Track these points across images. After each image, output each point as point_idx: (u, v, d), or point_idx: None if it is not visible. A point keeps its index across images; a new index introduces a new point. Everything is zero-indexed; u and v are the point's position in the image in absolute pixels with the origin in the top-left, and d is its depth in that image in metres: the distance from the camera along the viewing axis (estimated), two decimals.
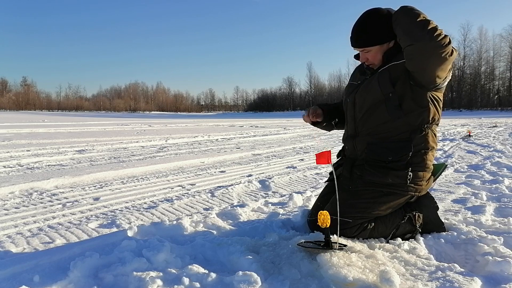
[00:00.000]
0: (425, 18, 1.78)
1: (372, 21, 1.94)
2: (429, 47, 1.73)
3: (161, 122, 24.72)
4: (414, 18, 1.78)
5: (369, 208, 1.93)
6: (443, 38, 1.72)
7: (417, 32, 1.74)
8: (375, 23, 1.93)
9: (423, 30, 1.73)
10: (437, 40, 1.71)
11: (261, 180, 3.84)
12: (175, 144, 8.45)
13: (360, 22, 1.97)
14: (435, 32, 1.72)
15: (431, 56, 1.75)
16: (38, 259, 1.68)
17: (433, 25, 1.75)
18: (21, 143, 8.02)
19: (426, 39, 1.72)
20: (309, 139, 9.86)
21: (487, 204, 2.80)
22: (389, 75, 1.91)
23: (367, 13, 1.98)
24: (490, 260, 1.65)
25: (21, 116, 34.47)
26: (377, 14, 1.95)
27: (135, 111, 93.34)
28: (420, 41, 1.74)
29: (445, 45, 1.72)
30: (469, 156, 5.80)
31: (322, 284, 1.47)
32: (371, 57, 1.98)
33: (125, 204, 2.97)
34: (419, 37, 1.74)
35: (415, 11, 1.82)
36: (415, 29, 1.75)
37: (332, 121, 2.28)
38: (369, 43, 1.94)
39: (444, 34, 1.75)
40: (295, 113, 71.81)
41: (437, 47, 1.72)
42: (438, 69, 1.79)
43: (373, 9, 1.98)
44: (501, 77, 63.26)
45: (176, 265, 1.62)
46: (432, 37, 1.71)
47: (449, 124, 18.49)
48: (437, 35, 1.71)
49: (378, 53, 1.96)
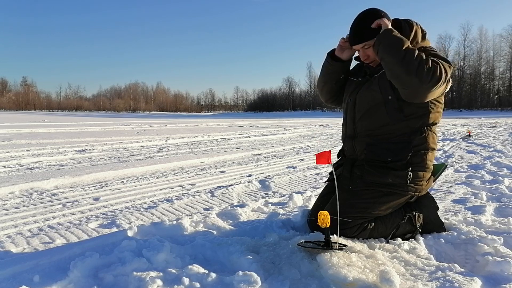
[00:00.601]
0: (406, 50, 1.74)
1: (370, 18, 1.93)
2: (421, 90, 1.74)
3: (161, 122, 24.72)
4: (397, 57, 1.74)
5: (369, 208, 1.93)
6: (433, 72, 1.70)
7: (404, 77, 1.73)
8: (374, 18, 1.92)
9: (409, 73, 1.71)
10: (428, 82, 1.70)
11: (261, 180, 3.84)
12: (175, 144, 8.45)
13: (359, 19, 1.97)
14: (423, 71, 1.69)
15: (425, 94, 1.76)
16: (38, 259, 1.68)
17: (417, 59, 1.71)
18: (21, 143, 8.02)
19: (416, 84, 1.72)
20: (309, 139, 9.86)
21: (487, 204, 2.80)
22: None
23: (364, 12, 1.98)
24: (490, 260, 1.65)
25: (21, 116, 34.48)
26: (375, 11, 1.95)
27: (135, 111, 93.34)
28: (410, 87, 1.75)
29: (436, 80, 1.71)
30: (469, 156, 5.80)
31: (322, 284, 1.47)
32: (371, 53, 1.97)
33: (125, 204, 2.97)
34: (408, 83, 1.74)
35: (394, 45, 1.77)
36: (401, 73, 1.74)
37: (342, 74, 2.18)
38: (370, 37, 1.92)
39: (430, 64, 1.71)
40: (295, 113, 71.84)
41: (429, 87, 1.72)
42: (435, 95, 1.83)
43: (370, 8, 1.98)
44: (501, 77, 63.31)
45: (176, 265, 1.62)
46: (422, 80, 1.70)
47: (449, 124, 18.50)
48: (426, 74, 1.69)
49: None
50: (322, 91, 2.31)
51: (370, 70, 2.06)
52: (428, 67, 1.71)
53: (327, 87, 2.26)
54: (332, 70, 2.17)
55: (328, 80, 2.23)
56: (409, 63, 1.71)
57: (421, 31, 2.01)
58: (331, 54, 2.16)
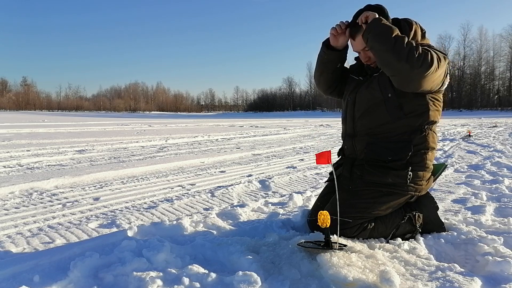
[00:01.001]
0: (396, 38, 1.73)
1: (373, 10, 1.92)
2: (412, 75, 1.73)
3: (161, 122, 24.72)
4: (386, 45, 1.73)
5: (369, 208, 1.93)
6: (423, 58, 1.69)
7: (395, 63, 1.72)
8: (379, 14, 1.90)
9: (400, 60, 1.70)
10: (419, 66, 1.69)
11: (261, 180, 3.84)
12: (175, 144, 8.45)
13: (361, 12, 1.96)
14: (413, 56, 1.68)
15: (417, 80, 1.75)
16: (38, 259, 1.68)
17: (408, 46, 1.70)
18: (21, 143, 8.02)
19: (407, 70, 1.71)
20: (309, 139, 9.86)
21: (487, 204, 2.80)
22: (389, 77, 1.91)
23: (367, 6, 1.98)
24: (490, 260, 1.65)
25: (21, 116, 34.48)
26: (378, 7, 1.96)
27: (135, 111, 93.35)
28: (401, 73, 1.74)
29: (427, 65, 1.70)
30: (469, 156, 5.80)
31: (322, 284, 1.47)
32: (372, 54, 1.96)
33: (125, 204, 2.97)
34: (399, 69, 1.73)
35: (383, 33, 1.76)
36: (392, 60, 1.73)
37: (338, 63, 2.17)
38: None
39: (421, 51, 1.70)
40: (295, 113, 71.80)
41: (421, 72, 1.71)
42: (429, 85, 1.81)
43: (376, 4, 1.98)
44: (501, 77, 63.30)
45: (176, 265, 1.62)
46: (413, 65, 1.69)
47: (449, 124, 18.49)
48: (417, 59, 1.68)
49: None
50: (320, 82, 2.30)
51: (370, 70, 2.06)
52: (419, 53, 1.70)
53: (323, 77, 2.25)
54: (328, 59, 2.16)
55: (324, 70, 2.22)
56: (400, 49, 1.70)
57: (420, 30, 2.01)
58: (326, 43, 2.15)
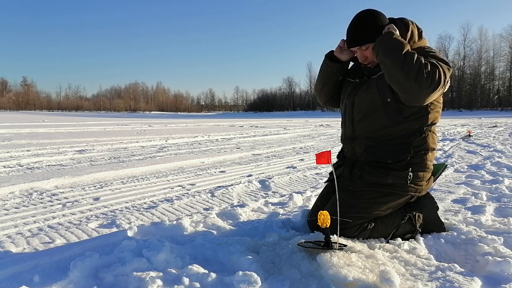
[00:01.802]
0: (406, 55, 1.74)
1: (368, 19, 1.93)
2: (421, 95, 1.75)
3: (161, 122, 24.72)
4: (396, 61, 1.75)
5: (369, 208, 1.93)
6: (432, 77, 1.71)
7: (404, 82, 1.74)
8: (372, 20, 1.92)
9: (409, 79, 1.71)
10: (427, 87, 1.71)
11: (261, 180, 3.84)
12: (175, 144, 8.45)
13: (356, 21, 1.96)
14: (422, 76, 1.69)
15: (425, 98, 1.77)
16: (38, 259, 1.68)
17: (417, 64, 1.71)
18: (21, 143, 8.02)
19: (415, 90, 1.73)
20: (309, 139, 9.86)
21: (487, 204, 2.80)
22: None
23: (362, 13, 1.97)
24: (490, 260, 1.65)
25: (21, 116, 34.47)
26: (372, 13, 1.94)
27: (135, 111, 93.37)
28: (409, 92, 1.76)
29: (435, 85, 1.72)
30: (469, 156, 5.80)
31: (322, 284, 1.47)
32: (369, 54, 1.96)
33: (125, 204, 2.97)
34: (407, 88, 1.75)
35: (394, 49, 1.77)
36: (401, 78, 1.74)
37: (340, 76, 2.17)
38: (368, 39, 1.91)
39: (429, 69, 1.71)
40: (295, 113, 71.80)
41: (429, 92, 1.73)
42: (435, 98, 1.84)
43: (367, 10, 1.97)
44: (501, 77, 63.33)
45: (176, 265, 1.62)
46: (421, 85, 1.71)
47: (449, 124, 18.49)
48: (426, 79, 1.70)
49: None
50: (321, 93, 2.31)
51: (367, 71, 2.05)
52: (427, 71, 1.71)
53: (325, 89, 2.25)
54: (331, 71, 2.17)
55: (326, 82, 2.23)
56: (409, 68, 1.72)
57: (417, 30, 2.01)
58: (329, 55, 2.16)
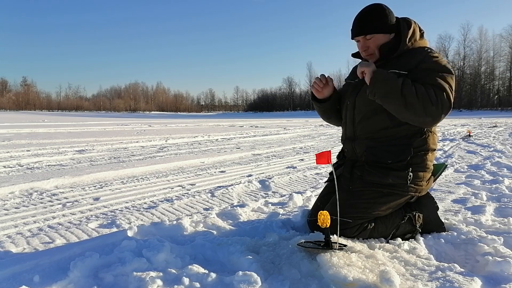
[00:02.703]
0: (405, 93, 1.74)
1: (376, 11, 1.96)
2: (436, 121, 1.80)
3: (161, 122, 24.72)
4: (397, 103, 1.77)
5: (369, 208, 1.93)
6: (441, 102, 1.73)
7: (415, 118, 1.80)
8: (379, 13, 1.96)
9: (418, 115, 1.77)
10: (440, 115, 1.76)
11: (261, 180, 3.84)
12: (175, 144, 8.45)
13: (364, 11, 1.99)
14: (431, 106, 1.72)
15: (441, 119, 1.81)
16: (38, 259, 1.68)
17: (420, 97, 1.72)
18: (21, 143, 8.02)
19: (430, 121, 1.79)
20: (309, 139, 9.86)
21: (487, 204, 2.80)
22: None
23: (370, 5, 2.00)
24: (490, 260, 1.65)
25: (21, 116, 34.47)
26: (381, 6, 1.98)
27: (135, 111, 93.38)
28: (425, 124, 1.84)
29: (447, 108, 1.76)
30: (469, 156, 5.80)
31: (322, 284, 1.47)
32: (372, 44, 1.97)
33: (125, 204, 2.97)
34: (422, 122, 1.82)
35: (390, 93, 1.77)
36: (412, 117, 1.79)
37: (336, 105, 2.21)
38: (374, 29, 1.94)
39: (435, 96, 1.73)
40: (295, 113, 71.80)
41: (442, 117, 1.77)
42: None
43: (377, 4, 2.01)
44: (501, 77, 63.31)
45: (176, 265, 1.62)
46: (434, 116, 1.76)
47: (449, 124, 18.49)
48: (435, 108, 1.73)
49: (380, 42, 1.96)
50: (331, 122, 2.36)
51: None
52: (434, 100, 1.72)
53: (332, 118, 2.32)
54: (325, 109, 2.24)
55: (329, 115, 2.30)
56: (414, 104, 1.73)
57: (419, 30, 2.02)
58: (314, 98, 2.23)
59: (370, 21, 1.95)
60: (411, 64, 1.87)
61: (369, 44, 1.98)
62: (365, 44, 1.99)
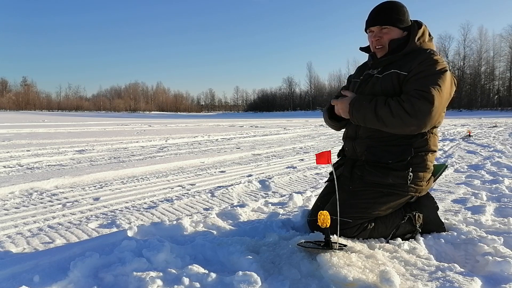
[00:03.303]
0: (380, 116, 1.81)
1: (396, 7, 2.02)
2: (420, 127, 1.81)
3: (161, 122, 24.72)
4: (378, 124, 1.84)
5: (369, 208, 1.93)
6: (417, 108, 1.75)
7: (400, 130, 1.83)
8: (399, 8, 2.02)
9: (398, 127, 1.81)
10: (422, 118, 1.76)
11: (261, 180, 3.84)
12: (175, 144, 8.45)
13: (384, 4, 2.04)
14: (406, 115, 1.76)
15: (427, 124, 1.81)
16: (38, 259, 1.68)
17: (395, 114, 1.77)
18: (21, 143, 8.02)
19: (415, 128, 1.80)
20: (309, 139, 9.86)
21: (487, 204, 2.80)
22: (392, 83, 1.93)
23: (390, 1, 2.05)
24: (490, 260, 1.65)
25: (21, 116, 34.48)
26: (401, 4, 2.04)
27: (135, 111, 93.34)
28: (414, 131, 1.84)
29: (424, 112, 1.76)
30: (469, 156, 5.80)
31: (322, 284, 1.47)
32: (386, 37, 2.00)
33: (125, 204, 2.97)
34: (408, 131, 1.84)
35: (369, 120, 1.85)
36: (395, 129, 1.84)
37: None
38: (392, 22, 1.99)
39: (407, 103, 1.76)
40: (295, 113, 71.81)
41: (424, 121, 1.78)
42: (442, 113, 1.88)
43: (396, 1, 2.05)
44: (501, 77, 63.29)
45: (176, 265, 1.62)
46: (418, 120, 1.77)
47: (449, 124, 18.49)
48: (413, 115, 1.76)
49: (393, 36, 1.99)
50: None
51: (373, 60, 2.08)
52: (411, 111, 1.76)
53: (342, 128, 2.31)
54: (339, 125, 2.24)
55: (341, 127, 2.27)
56: (392, 123, 1.81)
57: (428, 34, 2.06)
58: (329, 115, 2.20)
59: (389, 14, 2.00)
60: (413, 64, 1.88)
61: (383, 35, 2.01)
62: (379, 34, 2.02)
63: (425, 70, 1.85)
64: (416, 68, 1.87)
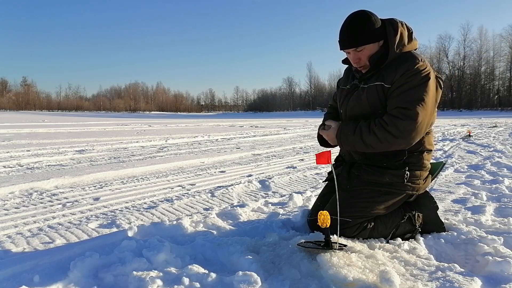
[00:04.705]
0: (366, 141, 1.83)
1: (362, 21, 1.88)
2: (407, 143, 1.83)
3: (161, 122, 24.72)
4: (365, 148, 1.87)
5: (368, 207, 1.94)
6: (398, 135, 1.78)
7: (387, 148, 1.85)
8: (366, 22, 1.88)
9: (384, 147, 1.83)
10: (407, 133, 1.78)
11: (261, 180, 3.84)
12: (175, 144, 8.45)
13: (350, 22, 1.90)
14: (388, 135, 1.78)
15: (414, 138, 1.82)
16: (38, 259, 1.68)
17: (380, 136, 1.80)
18: (21, 143, 8.02)
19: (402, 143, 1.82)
20: (309, 139, 9.86)
21: (487, 204, 2.80)
22: (378, 95, 1.90)
23: (354, 15, 1.92)
24: (490, 260, 1.65)
25: (21, 116, 34.47)
26: (366, 14, 1.91)
27: (135, 111, 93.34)
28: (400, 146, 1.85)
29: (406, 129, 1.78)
30: (469, 156, 5.80)
31: (322, 284, 1.47)
32: (363, 56, 1.92)
33: (125, 204, 2.97)
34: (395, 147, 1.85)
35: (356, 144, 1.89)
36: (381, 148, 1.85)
37: None
38: (364, 41, 1.88)
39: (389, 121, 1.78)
40: (295, 113, 71.84)
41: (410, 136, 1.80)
42: (429, 122, 1.88)
43: (359, 11, 1.93)
44: (501, 77, 63.30)
45: (176, 265, 1.62)
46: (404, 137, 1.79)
47: (449, 124, 18.50)
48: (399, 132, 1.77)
49: (371, 52, 1.91)
50: None
51: (359, 74, 2.02)
52: (395, 131, 1.77)
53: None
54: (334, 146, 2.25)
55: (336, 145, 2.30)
56: (380, 146, 1.83)
57: (407, 30, 1.96)
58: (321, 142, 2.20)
59: (361, 32, 1.86)
60: (396, 75, 1.84)
61: (360, 56, 1.93)
62: (356, 56, 1.93)
63: (407, 83, 1.80)
64: (398, 80, 1.82)
